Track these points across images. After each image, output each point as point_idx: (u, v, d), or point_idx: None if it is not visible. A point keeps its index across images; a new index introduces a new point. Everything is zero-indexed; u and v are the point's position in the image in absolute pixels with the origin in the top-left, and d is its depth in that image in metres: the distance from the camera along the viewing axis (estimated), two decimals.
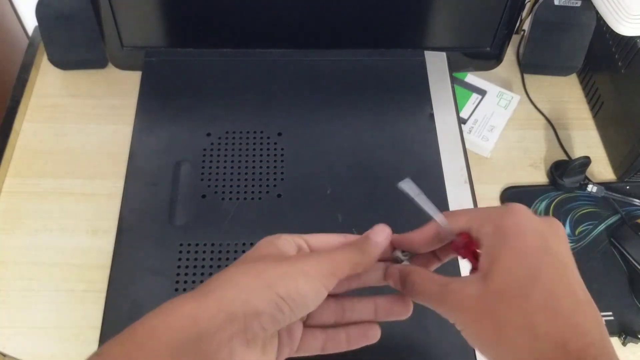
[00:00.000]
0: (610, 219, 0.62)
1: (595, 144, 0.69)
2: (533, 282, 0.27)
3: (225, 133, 0.55)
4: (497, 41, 0.62)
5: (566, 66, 0.72)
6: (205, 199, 0.51)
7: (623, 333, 0.55)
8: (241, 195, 0.51)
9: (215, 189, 0.51)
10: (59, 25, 0.65)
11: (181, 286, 0.46)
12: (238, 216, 0.50)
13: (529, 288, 0.27)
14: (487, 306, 0.27)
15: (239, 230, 0.49)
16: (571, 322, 0.26)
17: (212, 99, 0.57)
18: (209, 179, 0.52)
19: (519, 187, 0.64)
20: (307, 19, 0.59)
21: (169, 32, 0.61)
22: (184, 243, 0.48)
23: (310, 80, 0.59)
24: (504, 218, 0.29)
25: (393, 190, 0.52)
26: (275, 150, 0.54)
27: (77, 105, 0.68)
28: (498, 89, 0.69)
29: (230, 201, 0.51)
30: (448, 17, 0.60)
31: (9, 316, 0.52)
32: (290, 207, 0.50)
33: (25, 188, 0.61)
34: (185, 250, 0.48)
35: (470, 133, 0.66)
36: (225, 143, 0.54)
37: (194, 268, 0.47)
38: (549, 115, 0.70)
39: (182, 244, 0.48)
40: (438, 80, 0.60)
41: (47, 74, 0.71)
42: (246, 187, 0.52)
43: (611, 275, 0.59)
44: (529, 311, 0.26)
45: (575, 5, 0.66)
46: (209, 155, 0.53)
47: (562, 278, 0.27)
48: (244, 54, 0.61)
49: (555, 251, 0.28)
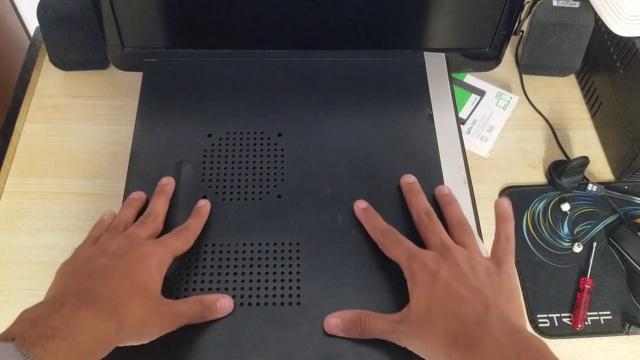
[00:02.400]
0: (609, 219, 0.62)
1: (594, 144, 0.69)
2: (430, 303, 0.40)
3: (226, 134, 0.55)
4: (496, 42, 0.63)
5: (565, 67, 0.72)
6: (205, 200, 0.51)
7: (627, 323, 0.55)
8: (242, 195, 0.51)
9: (216, 190, 0.52)
10: (60, 26, 0.66)
11: (182, 285, 0.46)
12: (238, 216, 0.50)
13: (429, 308, 0.40)
14: (413, 329, 0.40)
15: (240, 230, 0.49)
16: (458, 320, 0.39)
17: (213, 99, 0.57)
18: (209, 179, 0.52)
19: (517, 187, 0.65)
20: (307, 20, 0.60)
21: (170, 33, 0.61)
22: None
23: (310, 81, 0.59)
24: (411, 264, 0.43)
25: (392, 190, 0.52)
26: (276, 151, 0.54)
27: (78, 106, 0.69)
28: (497, 90, 0.70)
29: (231, 202, 0.51)
30: (447, 18, 0.61)
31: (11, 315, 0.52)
32: (291, 208, 0.51)
33: (26, 188, 0.62)
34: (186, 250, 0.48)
35: (469, 133, 0.66)
36: (226, 144, 0.54)
37: (194, 268, 0.47)
38: (547, 115, 0.71)
39: None
40: (437, 81, 0.60)
41: (49, 75, 0.71)
42: (246, 187, 0.52)
43: (610, 274, 0.59)
44: (431, 321, 0.40)
45: (574, 6, 0.67)
46: (209, 156, 0.54)
47: (449, 291, 0.40)
48: (244, 54, 0.61)
49: (442, 277, 0.41)
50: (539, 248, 0.60)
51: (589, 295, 0.57)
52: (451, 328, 0.39)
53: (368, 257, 0.48)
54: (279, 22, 0.60)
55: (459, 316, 0.39)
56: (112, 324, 0.37)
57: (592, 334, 0.56)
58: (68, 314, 0.35)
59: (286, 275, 0.47)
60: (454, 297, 0.40)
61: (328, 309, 0.45)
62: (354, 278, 0.47)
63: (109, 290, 0.39)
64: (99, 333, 0.36)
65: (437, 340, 0.39)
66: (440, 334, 0.39)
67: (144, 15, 0.59)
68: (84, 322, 0.35)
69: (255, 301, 0.46)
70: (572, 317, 0.56)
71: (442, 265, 0.42)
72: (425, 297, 0.41)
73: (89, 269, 0.41)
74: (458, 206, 0.49)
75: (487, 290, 0.40)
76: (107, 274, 0.40)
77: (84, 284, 0.39)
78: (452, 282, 0.41)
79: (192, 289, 0.46)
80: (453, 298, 0.40)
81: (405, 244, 0.45)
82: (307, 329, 0.45)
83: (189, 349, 0.43)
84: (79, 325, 0.35)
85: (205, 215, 0.49)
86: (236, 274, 0.47)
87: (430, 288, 0.41)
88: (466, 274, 0.41)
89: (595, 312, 0.57)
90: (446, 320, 0.39)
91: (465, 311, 0.39)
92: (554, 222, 0.62)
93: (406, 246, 0.45)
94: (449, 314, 0.39)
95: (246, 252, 0.48)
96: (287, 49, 0.62)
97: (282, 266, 0.47)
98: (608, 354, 0.55)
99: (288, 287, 0.46)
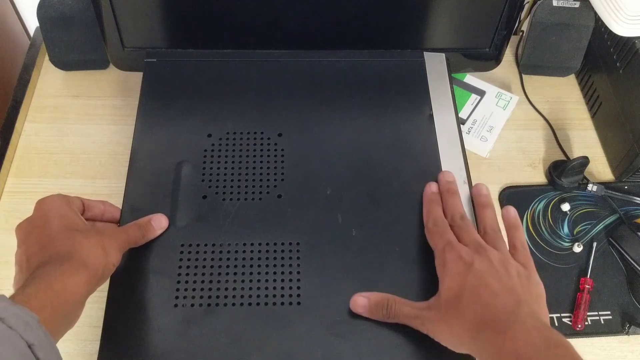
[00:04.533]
0: (609, 219, 0.62)
1: (594, 144, 0.69)
2: (462, 291, 0.41)
3: (226, 134, 0.55)
4: (496, 42, 0.63)
5: (565, 67, 0.72)
6: (206, 200, 0.51)
7: (627, 323, 0.55)
8: (242, 195, 0.51)
9: (216, 190, 0.52)
10: (60, 26, 0.66)
11: (182, 286, 0.46)
12: (238, 216, 0.50)
13: (460, 295, 0.41)
14: (441, 315, 0.42)
15: (240, 230, 0.49)
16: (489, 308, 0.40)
17: (213, 99, 0.57)
18: (209, 179, 0.52)
19: (517, 187, 0.65)
20: (307, 20, 0.60)
21: (170, 32, 0.61)
22: (185, 243, 0.49)
23: (310, 81, 0.59)
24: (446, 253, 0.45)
25: (392, 190, 0.52)
26: (276, 151, 0.54)
27: (79, 106, 0.69)
28: (497, 90, 0.70)
29: (231, 202, 0.51)
30: (447, 18, 0.61)
31: None
32: (291, 208, 0.51)
33: (26, 188, 0.62)
34: (187, 250, 0.48)
35: (469, 133, 0.66)
36: (226, 144, 0.54)
37: (195, 268, 0.47)
38: (547, 115, 0.71)
39: (183, 244, 0.49)
40: (437, 81, 0.60)
41: (49, 75, 0.71)
42: (247, 187, 0.52)
43: (610, 274, 0.59)
44: (460, 308, 0.41)
45: (574, 6, 0.67)
46: (209, 156, 0.54)
47: (482, 282, 0.41)
48: (244, 54, 0.61)
49: (476, 267, 0.42)
50: (539, 248, 0.60)
51: (589, 295, 0.57)
52: (481, 315, 0.40)
53: (368, 257, 0.48)
54: (278, 22, 0.60)
55: (490, 305, 0.40)
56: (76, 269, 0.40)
57: (592, 334, 0.56)
58: (41, 273, 0.39)
59: (286, 275, 0.47)
60: (487, 289, 0.41)
61: (328, 309, 0.45)
62: (354, 278, 0.47)
63: None
64: (70, 282, 0.39)
65: (464, 325, 0.40)
66: (469, 319, 0.40)
67: (144, 15, 0.59)
68: (53, 274, 0.39)
69: (255, 301, 0.46)
70: (572, 317, 0.56)
71: (477, 258, 0.43)
72: (456, 285, 0.42)
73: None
74: (493, 212, 0.49)
75: (519, 289, 0.41)
76: None
77: None
78: (486, 275, 0.42)
79: (192, 289, 0.46)
80: (486, 290, 0.41)
81: (447, 234, 0.46)
82: (307, 328, 0.45)
83: (189, 349, 0.44)
84: (48, 276, 0.38)
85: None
86: (236, 274, 0.47)
87: (463, 277, 0.42)
88: (499, 272, 0.42)
89: (595, 312, 0.57)
90: (477, 307, 0.40)
91: (497, 303, 0.40)
92: (554, 222, 0.62)
93: (447, 236, 0.46)
94: (481, 302, 0.40)
95: (246, 252, 0.48)
96: (287, 49, 0.62)
97: (282, 266, 0.48)
98: (608, 354, 0.55)
99: (288, 287, 0.47)
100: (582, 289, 0.57)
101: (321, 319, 0.45)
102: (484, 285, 0.41)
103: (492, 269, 0.42)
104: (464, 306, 0.41)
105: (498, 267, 0.43)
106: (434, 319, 0.42)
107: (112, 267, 0.44)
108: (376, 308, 0.44)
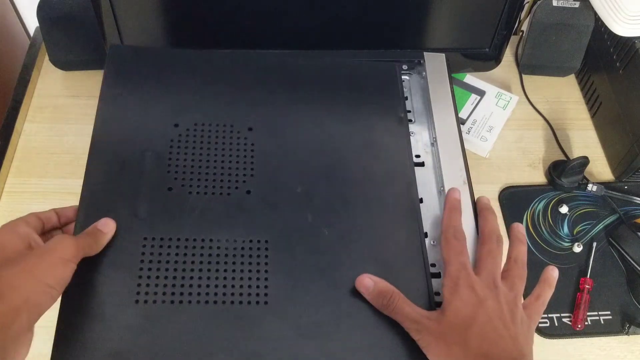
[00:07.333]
0: (609, 219, 0.62)
1: (594, 144, 0.69)
2: (472, 321, 0.42)
3: (194, 125, 0.52)
4: (495, 42, 0.63)
5: (564, 67, 0.72)
6: (171, 192, 0.48)
7: (627, 323, 0.55)
8: (209, 189, 0.49)
9: (182, 182, 0.49)
10: (60, 26, 0.66)
11: (144, 281, 0.44)
12: (206, 211, 0.48)
13: (468, 324, 0.42)
14: (442, 332, 0.42)
15: (206, 225, 0.47)
16: (494, 348, 0.41)
17: (181, 88, 0.54)
18: (175, 171, 0.50)
19: (517, 187, 0.65)
20: (307, 20, 0.60)
21: (170, 32, 0.61)
22: (148, 237, 0.46)
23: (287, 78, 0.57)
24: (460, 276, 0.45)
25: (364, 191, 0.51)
26: (246, 145, 0.52)
27: (78, 106, 0.69)
28: (497, 90, 0.70)
29: (198, 195, 0.49)
30: (447, 18, 0.61)
31: None
32: (260, 204, 0.49)
33: (26, 188, 0.62)
34: (150, 244, 0.46)
35: (469, 133, 0.66)
36: (193, 134, 0.52)
37: (157, 263, 0.45)
38: (547, 115, 0.71)
39: (146, 238, 0.46)
40: (437, 81, 0.60)
41: (49, 75, 0.71)
42: (214, 181, 0.49)
43: (609, 274, 0.59)
44: (466, 337, 0.41)
45: (574, 6, 0.67)
46: (176, 146, 0.51)
47: (490, 321, 0.42)
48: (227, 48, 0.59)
49: (488, 304, 0.43)
50: (539, 248, 0.60)
51: (588, 295, 0.57)
52: (487, 351, 0.41)
53: (338, 258, 0.47)
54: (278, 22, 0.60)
55: (496, 346, 0.42)
56: None
57: (592, 334, 0.56)
58: None
59: (254, 274, 0.45)
60: (494, 330, 0.42)
61: (296, 309, 0.44)
62: (322, 278, 0.46)
63: None
64: None
65: (467, 354, 0.41)
66: (474, 351, 0.41)
67: (144, 15, 0.59)
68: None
69: (221, 299, 0.44)
70: (572, 317, 0.56)
71: (489, 297, 0.44)
72: (465, 314, 0.43)
73: None
74: (525, 248, 0.49)
75: (522, 339, 0.43)
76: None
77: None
78: (494, 316, 0.43)
79: (155, 285, 0.44)
80: (493, 330, 0.42)
81: (465, 256, 0.47)
82: (273, 328, 0.43)
83: (150, 347, 0.42)
84: None
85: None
86: (202, 270, 0.45)
87: (474, 310, 0.43)
88: (506, 317, 0.43)
89: (595, 312, 0.57)
90: (483, 343, 0.41)
91: (502, 345, 0.42)
92: (553, 222, 0.62)
93: (464, 259, 0.46)
94: (488, 340, 0.42)
95: (212, 248, 0.46)
96: (287, 49, 0.61)
97: (249, 264, 0.46)
98: (608, 354, 0.55)
99: (255, 285, 0.45)
100: (582, 289, 0.57)
101: (288, 319, 0.44)
102: (492, 325, 0.42)
103: (501, 312, 0.43)
104: (470, 337, 0.41)
105: (506, 311, 0.43)
106: (433, 332, 0.42)
107: (50, 288, 0.39)
108: (379, 295, 0.44)
